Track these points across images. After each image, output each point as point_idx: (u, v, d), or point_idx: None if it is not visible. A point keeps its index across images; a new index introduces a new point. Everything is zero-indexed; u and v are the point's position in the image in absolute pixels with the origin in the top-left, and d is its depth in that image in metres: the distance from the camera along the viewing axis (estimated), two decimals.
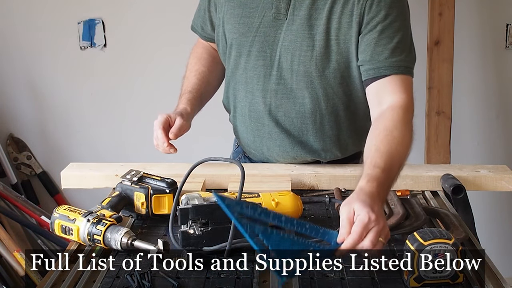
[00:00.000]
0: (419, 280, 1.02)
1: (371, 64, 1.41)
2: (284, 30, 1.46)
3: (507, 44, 2.55)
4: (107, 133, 2.71)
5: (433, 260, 1.01)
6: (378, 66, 1.40)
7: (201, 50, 1.72)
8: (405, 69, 1.41)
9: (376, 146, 1.27)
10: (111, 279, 1.06)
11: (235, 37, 1.52)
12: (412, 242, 1.01)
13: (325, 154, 1.56)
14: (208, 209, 1.16)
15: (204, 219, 1.15)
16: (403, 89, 1.40)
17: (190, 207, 1.15)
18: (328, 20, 1.42)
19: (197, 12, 1.68)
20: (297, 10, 1.45)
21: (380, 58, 1.40)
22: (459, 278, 1.03)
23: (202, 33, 1.68)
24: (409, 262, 1.01)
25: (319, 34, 1.43)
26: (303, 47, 1.45)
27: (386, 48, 1.40)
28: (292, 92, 1.49)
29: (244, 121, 1.59)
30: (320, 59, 1.45)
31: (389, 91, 1.40)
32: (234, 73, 1.56)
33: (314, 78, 1.47)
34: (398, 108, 1.37)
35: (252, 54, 1.50)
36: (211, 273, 1.08)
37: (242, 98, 1.56)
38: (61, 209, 1.22)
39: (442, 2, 2.38)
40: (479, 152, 2.67)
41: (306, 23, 1.44)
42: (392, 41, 1.40)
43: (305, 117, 1.51)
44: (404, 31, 1.43)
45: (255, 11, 1.48)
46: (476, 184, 1.48)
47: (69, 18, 2.57)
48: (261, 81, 1.51)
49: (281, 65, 1.48)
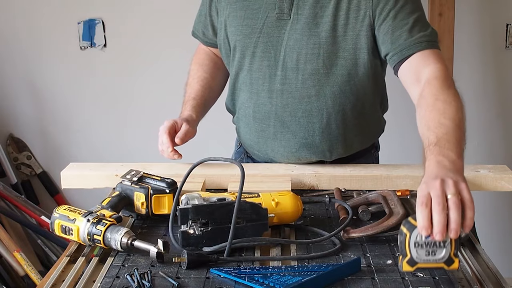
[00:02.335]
0: (412, 263, 1.00)
1: (393, 50, 1.42)
2: (288, 30, 1.46)
3: (507, 44, 2.55)
4: (107, 133, 2.71)
5: (425, 242, 0.98)
6: (401, 49, 1.40)
7: (202, 56, 1.72)
8: (428, 44, 1.40)
9: (427, 126, 1.22)
10: (111, 279, 1.06)
11: (238, 39, 1.52)
12: (404, 224, 1.00)
13: (330, 154, 1.56)
14: (208, 209, 1.16)
15: (204, 219, 1.15)
16: (433, 60, 1.38)
17: (190, 207, 1.15)
18: (334, 17, 1.43)
19: (198, 18, 1.68)
20: (300, 9, 1.45)
21: (400, 42, 1.40)
22: (454, 263, 1.00)
23: (203, 38, 1.68)
24: (401, 244, 0.99)
25: (326, 31, 1.44)
26: (309, 45, 1.45)
27: (404, 31, 1.40)
28: (298, 92, 1.49)
29: (248, 122, 1.58)
30: (328, 56, 1.45)
31: (422, 66, 1.38)
32: (238, 75, 1.56)
33: (321, 76, 1.47)
34: (434, 79, 1.34)
35: (256, 55, 1.50)
36: (211, 273, 1.08)
37: (247, 99, 1.56)
38: (61, 209, 1.22)
39: (442, 3, 2.38)
40: (479, 152, 2.67)
41: (312, 21, 1.44)
42: (408, 22, 1.41)
43: (312, 116, 1.51)
44: (417, 12, 1.43)
45: (258, 12, 1.49)
46: (476, 184, 1.48)
47: (69, 18, 2.57)
48: (267, 82, 1.51)
49: (285, 65, 1.48)
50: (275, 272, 1.06)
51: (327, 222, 1.31)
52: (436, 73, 1.35)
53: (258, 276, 1.04)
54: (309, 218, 1.32)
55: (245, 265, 1.11)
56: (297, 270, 1.07)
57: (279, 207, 1.24)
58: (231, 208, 1.14)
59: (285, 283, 1.01)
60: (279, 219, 1.23)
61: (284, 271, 1.07)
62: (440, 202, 0.97)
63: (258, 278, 1.03)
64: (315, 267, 1.09)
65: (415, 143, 2.57)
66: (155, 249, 1.10)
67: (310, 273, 1.06)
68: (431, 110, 1.26)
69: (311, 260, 1.13)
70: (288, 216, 1.25)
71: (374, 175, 1.49)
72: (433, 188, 0.99)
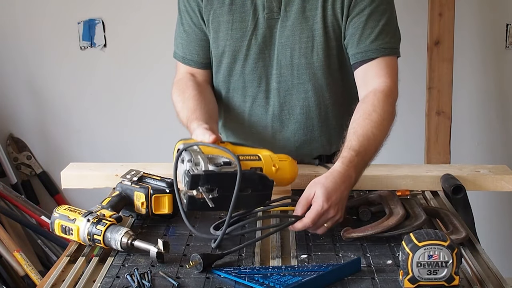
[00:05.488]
0: (414, 281, 1.01)
1: (358, 48, 1.45)
2: (279, 28, 1.47)
3: (507, 44, 2.55)
4: (107, 133, 2.71)
5: (428, 262, 1.00)
6: (366, 49, 1.44)
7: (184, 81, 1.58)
8: (391, 50, 1.46)
9: (354, 129, 1.33)
10: (111, 279, 1.06)
11: (228, 43, 1.50)
12: (407, 243, 1.01)
13: (330, 146, 1.58)
14: (219, 178, 1.16)
15: (213, 186, 1.15)
16: (387, 72, 1.45)
17: (202, 174, 1.14)
18: (323, 8, 1.45)
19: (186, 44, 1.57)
20: (289, 6, 1.46)
21: (367, 42, 1.44)
22: (454, 281, 1.02)
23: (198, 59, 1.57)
24: (404, 263, 1.01)
25: (317, 23, 1.45)
26: (302, 39, 1.46)
27: (373, 32, 1.44)
28: (294, 88, 1.50)
29: (242, 127, 1.58)
30: (322, 48, 1.46)
31: (375, 75, 1.45)
32: (227, 80, 1.55)
33: (316, 68, 1.48)
34: (379, 92, 1.41)
35: (249, 57, 1.50)
36: (211, 273, 1.08)
37: (239, 104, 1.56)
38: (61, 209, 1.22)
39: (442, 2, 2.38)
40: (479, 152, 2.67)
41: (301, 16, 1.45)
42: (379, 24, 1.44)
43: (310, 111, 1.52)
44: (389, 13, 1.47)
45: (247, 15, 1.48)
46: (476, 184, 1.48)
47: (69, 18, 2.57)
48: (263, 82, 1.51)
49: (279, 63, 1.49)
50: (275, 272, 1.06)
51: None
52: (383, 87, 1.42)
53: (258, 276, 1.04)
54: None
55: (245, 265, 1.11)
56: (297, 270, 1.07)
57: (278, 173, 1.26)
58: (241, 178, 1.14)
59: (285, 283, 1.01)
60: (277, 183, 1.25)
61: (284, 271, 1.07)
62: (315, 220, 1.17)
63: (258, 278, 1.03)
64: (315, 267, 1.09)
65: (415, 143, 2.58)
66: (155, 249, 1.10)
67: (310, 273, 1.06)
68: (365, 118, 1.35)
69: (311, 260, 1.13)
70: (285, 181, 1.29)
71: (374, 175, 1.49)
72: (318, 206, 1.17)
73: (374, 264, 1.11)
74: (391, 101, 1.42)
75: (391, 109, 1.41)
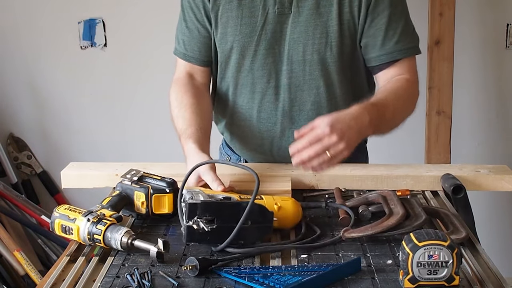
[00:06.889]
0: (414, 281, 1.01)
1: (383, 50, 1.48)
2: (291, 23, 1.47)
3: (507, 44, 2.55)
4: (107, 133, 2.71)
5: (428, 262, 1.00)
6: (391, 51, 1.48)
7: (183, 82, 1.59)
8: (414, 50, 1.52)
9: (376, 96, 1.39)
10: (111, 279, 1.06)
11: (237, 39, 1.50)
12: (407, 243, 1.01)
13: None
14: (217, 207, 1.15)
15: (211, 216, 1.14)
16: (410, 72, 1.51)
17: (199, 203, 1.14)
18: (339, 5, 1.45)
19: (188, 40, 1.57)
20: (302, 2, 1.46)
21: (391, 44, 1.48)
22: (455, 281, 1.02)
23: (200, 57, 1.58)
24: (404, 263, 1.01)
25: (332, 20, 1.45)
26: (316, 35, 1.46)
27: (396, 33, 1.47)
28: (306, 84, 1.51)
29: (250, 125, 1.58)
30: (336, 44, 1.47)
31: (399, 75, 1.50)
32: (235, 76, 1.55)
33: (329, 64, 1.49)
34: (404, 79, 1.48)
35: (258, 53, 1.50)
36: (211, 273, 1.08)
37: (247, 100, 1.56)
38: (61, 208, 1.22)
39: (443, 2, 2.38)
40: (479, 152, 2.67)
41: (315, 12, 1.45)
42: (400, 25, 1.48)
43: (321, 107, 1.52)
44: (406, 13, 1.51)
45: (257, 10, 1.48)
46: (476, 184, 1.48)
47: (69, 17, 2.57)
48: (273, 78, 1.51)
49: (290, 59, 1.49)
50: (275, 272, 1.06)
51: (327, 222, 1.31)
52: (408, 77, 1.50)
53: (258, 276, 1.04)
54: (309, 218, 1.32)
55: (245, 264, 1.11)
56: (297, 270, 1.07)
57: (281, 212, 1.24)
58: (240, 208, 1.15)
59: (285, 283, 1.01)
60: (279, 223, 1.23)
61: (284, 271, 1.07)
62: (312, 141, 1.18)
63: (258, 278, 1.03)
64: (315, 267, 1.09)
65: (415, 143, 2.58)
66: (155, 249, 1.10)
67: (310, 273, 1.06)
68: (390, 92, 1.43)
69: (311, 260, 1.13)
70: (288, 221, 1.25)
71: (374, 175, 1.49)
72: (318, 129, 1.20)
73: (374, 264, 1.11)
74: (414, 90, 1.50)
75: (415, 95, 1.49)
